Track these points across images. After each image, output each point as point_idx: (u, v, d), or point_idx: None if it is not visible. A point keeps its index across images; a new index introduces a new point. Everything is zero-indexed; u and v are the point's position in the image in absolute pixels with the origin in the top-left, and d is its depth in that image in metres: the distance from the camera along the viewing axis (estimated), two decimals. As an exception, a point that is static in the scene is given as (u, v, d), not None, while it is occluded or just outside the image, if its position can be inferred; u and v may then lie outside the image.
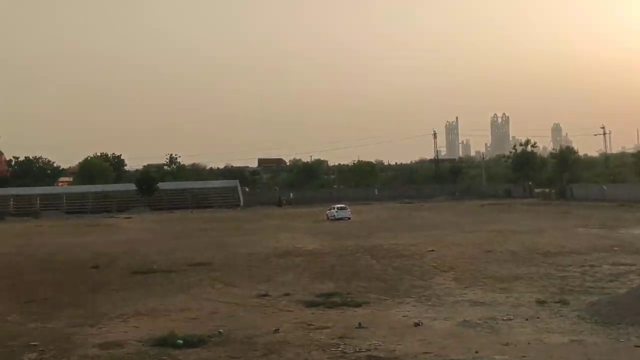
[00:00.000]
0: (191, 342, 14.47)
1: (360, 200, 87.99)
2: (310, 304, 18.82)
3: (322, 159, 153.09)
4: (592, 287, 20.18)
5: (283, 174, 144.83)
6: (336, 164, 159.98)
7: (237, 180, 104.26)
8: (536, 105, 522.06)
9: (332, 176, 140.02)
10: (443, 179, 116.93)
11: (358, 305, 18.52)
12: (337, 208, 61.71)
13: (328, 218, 60.45)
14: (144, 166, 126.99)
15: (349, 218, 59.00)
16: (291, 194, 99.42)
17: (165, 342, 14.50)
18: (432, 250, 31.15)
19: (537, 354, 12.85)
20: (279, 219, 61.68)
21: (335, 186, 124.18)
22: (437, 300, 19.05)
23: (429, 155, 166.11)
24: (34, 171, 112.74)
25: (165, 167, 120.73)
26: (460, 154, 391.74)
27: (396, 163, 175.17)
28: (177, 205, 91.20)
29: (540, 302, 17.93)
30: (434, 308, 18.00)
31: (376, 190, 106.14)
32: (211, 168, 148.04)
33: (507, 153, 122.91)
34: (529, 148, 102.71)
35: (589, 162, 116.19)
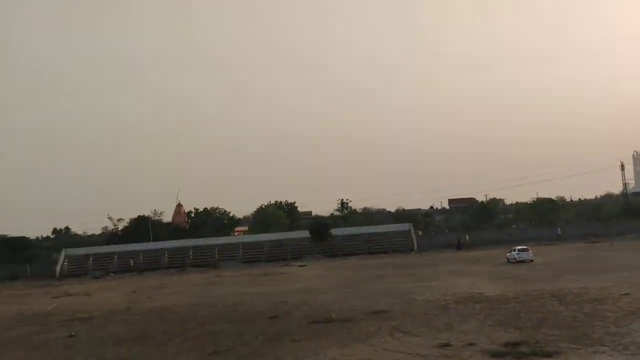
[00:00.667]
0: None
1: (541, 241, 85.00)
2: (496, 354, 18.36)
3: (497, 197, 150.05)
4: None
5: (457, 215, 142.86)
6: (513, 202, 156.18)
7: (410, 224, 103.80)
8: None
9: (510, 215, 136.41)
10: (634, 214, 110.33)
11: (548, 355, 17.85)
12: (518, 250, 59.94)
13: (508, 261, 58.84)
14: (315, 215, 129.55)
15: (532, 260, 57.08)
16: (467, 236, 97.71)
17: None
18: (627, 294, 29.43)
19: None
20: (456, 263, 60.76)
21: (514, 226, 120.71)
22: (636, 349, 17.98)
23: (615, 188, 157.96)
24: (211, 222, 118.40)
25: (337, 213, 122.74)
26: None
27: (579, 199, 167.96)
28: (350, 251, 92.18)
29: None
30: (634, 357, 17.02)
31: (559, 229, 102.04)
32: (383, 211, 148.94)
33: None
34: None
35: None
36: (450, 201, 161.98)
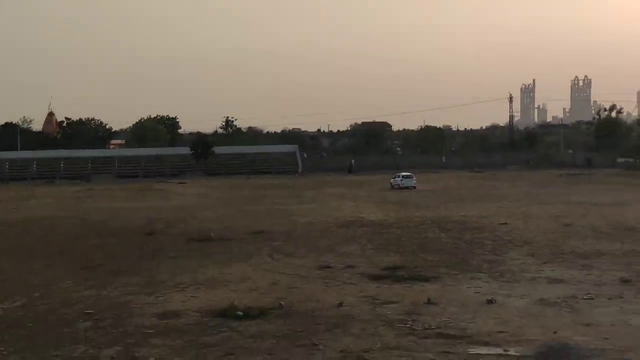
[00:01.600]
0: (252, 314, 14.72)
1: (426, 168, 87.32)
2: (376, 278, 18.92)
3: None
4: (682, 267, 19.77)
5: (343, 139, 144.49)
6: (401, 129, 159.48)
7: (296, 146, 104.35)
8: (621, 68, 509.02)
9: (397, 142, 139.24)
10: (517, 147, 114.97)
11: (426, 279, 18.54)
12: (403, 176, 61.34)
13: (392, 187, 60.18)
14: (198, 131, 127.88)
15: (415, 187, 58.63)
16: (353, 161, 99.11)
17: (225, 314, 14.79)
18: (506, 223, 30.86)
19: (622, 337, 12.69)
20: (340, 187, 61.74)
21: (400, 152, 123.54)
22: (511, 277, 18.93)
23: (501, 120, 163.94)
24: (85, 133, 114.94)
25: (221, 131, 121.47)
26: (536, 119, 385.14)
27: (465, 129, 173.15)
28: (233, 171, 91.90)
29: (625, 281, 17.70)
30: (509, 284, 17.89)
31: (444, 157, 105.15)
32: (268, 132, 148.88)
33: (587, 119, 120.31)
34: (613, 114, 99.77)
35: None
36: (362, 124, 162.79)
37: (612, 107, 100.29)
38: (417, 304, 15.67)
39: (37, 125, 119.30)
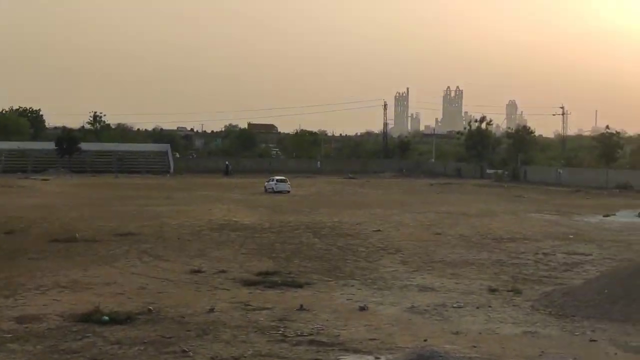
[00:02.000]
0: (118, 319, 14.41)
1: (301, 173, 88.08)
2: (248, 283, 18.93)
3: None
4: (545, 277, 20.77)
5: (217, 140, 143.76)
6: (277, 132, 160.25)
7: (168, 145, 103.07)
8: (492, 80, 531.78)
9: (272, 145, 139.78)
10: (391, 154, 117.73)
11: (299, 285, 18.70)
12: (277, 180, 61.53)
13: (266, 190, 60.28)
14: (64, 126, 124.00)
15: (289, 191, 58.98)
16: (227, 162, 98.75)
17: (90, 318, 14.41)
18: (379, 230, 31.50)
19: (489, 345, 13.19)
20: (213, 189, 61.27)
21: (276, 152, 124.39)
22: (383, 284, 19.34)
23: (376, 127, 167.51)
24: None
25: (89, 126, 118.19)
26: (409, 127, 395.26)
27: (341, 135, 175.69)
28: (101, 169, 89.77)
29: (492, 290, 18.40)
30: (380, 292, 18.28)
31: (319, 162, 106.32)
32: (139, 129, 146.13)
33: (458, 129, 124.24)
34: (483, 126, 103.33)
35: (544, 143, 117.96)
36: (250, 125, 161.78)
37: (482, 119, 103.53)
38: (289, 310, 15.77)
39: None
